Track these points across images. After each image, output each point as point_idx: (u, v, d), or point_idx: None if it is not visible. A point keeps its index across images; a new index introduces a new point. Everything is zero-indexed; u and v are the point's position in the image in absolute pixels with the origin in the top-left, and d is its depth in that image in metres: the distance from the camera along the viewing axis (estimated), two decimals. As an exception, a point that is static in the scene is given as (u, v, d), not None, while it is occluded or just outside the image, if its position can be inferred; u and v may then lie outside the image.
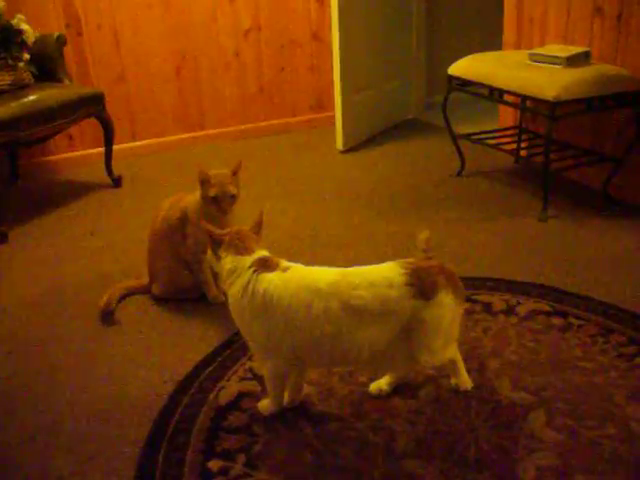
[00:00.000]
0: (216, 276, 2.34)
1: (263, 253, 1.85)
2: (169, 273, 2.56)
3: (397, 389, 1.98)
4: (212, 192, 2.35)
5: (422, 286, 1.76)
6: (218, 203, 2.35)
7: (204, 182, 2.37)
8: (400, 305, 1.75)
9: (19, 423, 1.99)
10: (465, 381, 1.98)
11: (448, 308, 1.80)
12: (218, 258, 1.87)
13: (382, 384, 1.99)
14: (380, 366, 1.98)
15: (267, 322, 1.78)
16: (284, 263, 1.84)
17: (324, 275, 1.80)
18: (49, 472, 1.79)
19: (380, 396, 1.98)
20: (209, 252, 1.91)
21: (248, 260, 1.82)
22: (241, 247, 1.84)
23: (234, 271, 1.82)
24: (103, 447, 1.86)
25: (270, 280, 1.78)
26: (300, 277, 1.80)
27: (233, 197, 2.38)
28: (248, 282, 1.79)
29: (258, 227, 1.92)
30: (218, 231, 1.89)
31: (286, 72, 4.66)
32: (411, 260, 1.84)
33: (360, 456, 1.76)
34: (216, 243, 1.87)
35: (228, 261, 1.84)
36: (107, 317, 2.52)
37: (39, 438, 1.92)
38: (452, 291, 1.81)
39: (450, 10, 4.98)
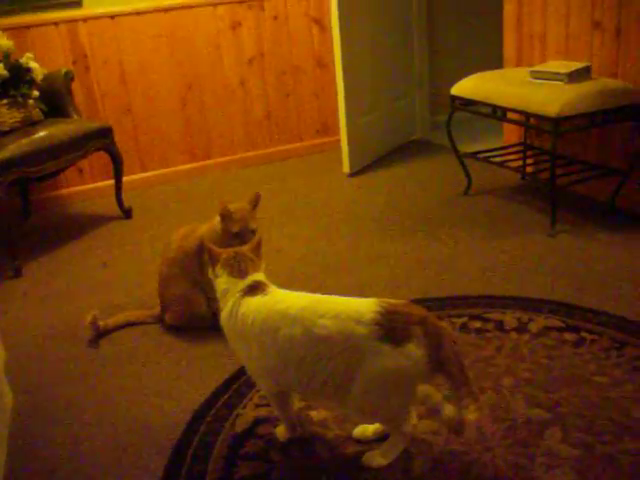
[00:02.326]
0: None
1: (256, 278, 1.86)
2: (184, 301, 2.58)
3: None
4: (236, 228, 2.40)
5: (392, 330, 1.63)
6: (241, 238, 2.38)
7: (225, 217, 2.41)
8: (364, 344, 1.64)
9: (39, 456, 2.00)
10: (377, 458, 1.82)
11: (414, 364, 1.63)
12: (215, 276, 1.90)
13: (369, 429, 1.90)
14: (344, 405, 1.77)
15: (246, 345, 1.82)
16: (270, 288, 1.85)
17: (297, 301, 1.78)
18: (69, 505, 1.81)
19: (361, 441, 1.89)
20: (209, 270, 1.94)
21: (240, 284, 1.85)
22: (236, 269, 1.86)
23: (226, 293, 1.86)
24: (122, 478, 1.88)
25: (249, 304, 1.81)
26: (274, 302, 1.79)
27: (253, 232, 2.42)
28: (233, 305, 1.83)
29: (257, 249, 1.93)
30: (217, 249, 1.92)
31: (291, 98, 4.71)
32: (395, 302, 1.72)
33: (377, 479, 1.76)
34: (213, 260, 1.90)
35: (222, 281, 1.88)
36: (93, 339, 2.60)
37: (58, 472, 1.93)
38: (426, 347, 1.63)
39: (451, 30, 5.04)
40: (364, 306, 1.69)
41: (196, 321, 2.61)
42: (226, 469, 1.85)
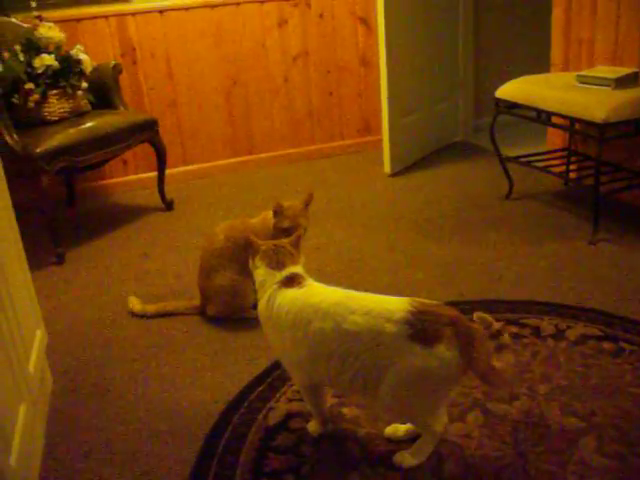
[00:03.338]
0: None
1: (293, 270, 1.89)
2: (231, 291, 2.61)
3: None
4: (286, 224, 2.44)
5: (422, 330, 1.63)
6: (290, 234, 2.40)
7: (278, 213, 2.46)
8: (394, 342, 1.65)
9: (75, 440, 2.05)
10: (408, 458, 1.82)
11: (444, 365, 1.63)
12: (255, 267, 1.94)
13: (400, 429, 1.90)
14: (373, 401, 1.78)
15: (280, 336, 1.84)
16: (307, 281, 1.88)
17: (330, 296, 1.80)
18: (104, 488, 1.85)
19: (391, 439, 1.89)
20: (250, 260, 1.98)
21: (278, 276, 1.87)
22: (274, 261, 1.89)
23: (264, 284, 1.89)
24: (155, 465, 1.91)
25: (284, 296, 1.83)
26: (308, 295, 1.82)
27: (304, 230, 2.44)
28: (270, 296, 1.86)
29: (296, 242, 1.96)
30: (258, 240, 1.96)
31: (334, 96, 4.72)
32: (427, 302, 1.73)
33: (408, 479, 1.76)
34: (253, 251, 1.94)
35: (261, 273, 1.91)
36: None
37: (93, 455, 1.98)
38: (458, 349, 1.63)
39: (497, 32, 4.98)
40: (396, 304, 1.70)
41: (240, 311, 2.65)
42: (257, 461, 1.87)
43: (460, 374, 1.67)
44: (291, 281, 1.86)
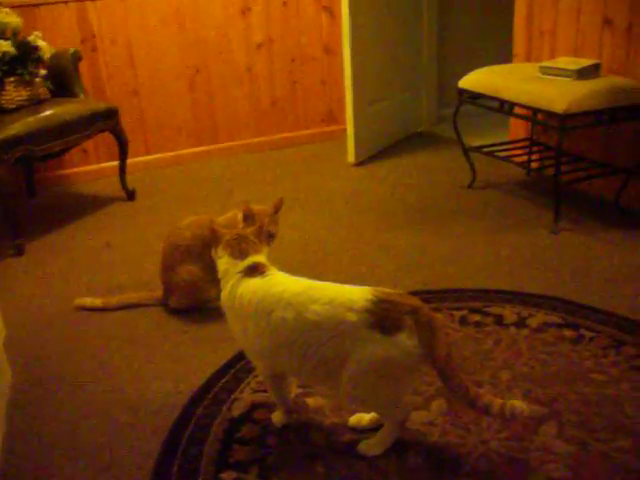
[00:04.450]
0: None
1: (256, 259, 1.88)
2: (195, 287, 2.59)
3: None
4: None
5: (384, 318, 1.64)
6: None
7: (248, 217, 2.42)
8: (355, 331, 1.65)
9: (36, 434, 2.01)
10: (372, 446, 1.83)
11: (404, 354, 1.64)
12: (218, 256, 1.93)
13: (364, 418, 1.91)
14: (336, 390, 1.80)
15: (243, 325, 1.84)
16: (270, 270, 1.87)
17: (293, 285, 1.80)
18: (65, 482, 1.82)
19: (356, 429, 1.90)
20: (213, 249, 1.96)
21: (240, 265, 1.87)
22: (237, 250, 1.89)
23: (227, 273, 1.89)
24: (119, 457, 1.89)
25: (247, 285, 1.83)
26: (271, 284, 1.81)
27: (272, 236, 2.41)
28: (233, 286, 1.85)
29: (259, 232, 1.95)
30: (221, 229, 1.95)
31: (298, 85, 4.70)
32: (389, 291, 1.72)
33: (372, 468, 1.77)
34: (216, 240, 1.93)
35: (224, 262, 1.91)
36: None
37: (57, 447, 1.95)
38: (419, 337, 1.63)
39: (460, 23, 5.01)
40: (357, 294, 1.70)
41: (203, 303, 2.63)
42: (222, 452, 1.86)
43: (421, 363, 1.68)
44: (254, 270, 1.86)
